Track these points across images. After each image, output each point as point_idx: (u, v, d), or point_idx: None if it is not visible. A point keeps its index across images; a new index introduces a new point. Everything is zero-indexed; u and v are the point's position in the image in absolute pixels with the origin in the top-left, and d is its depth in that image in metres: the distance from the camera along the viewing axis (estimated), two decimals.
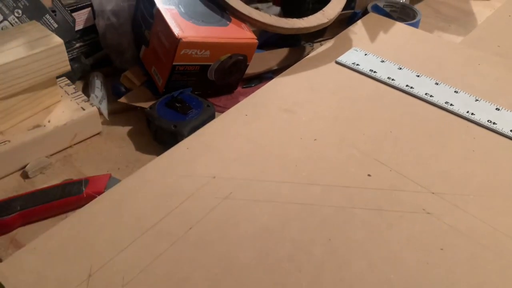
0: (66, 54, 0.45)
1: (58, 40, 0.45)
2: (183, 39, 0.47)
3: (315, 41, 0.67)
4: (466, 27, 0.75)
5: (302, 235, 0.36)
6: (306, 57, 0.58)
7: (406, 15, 0.70)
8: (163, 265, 0.33)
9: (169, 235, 0.35)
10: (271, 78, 0.55)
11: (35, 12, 0.49)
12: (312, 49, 0.64)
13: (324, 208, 0.38)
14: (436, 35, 0.73)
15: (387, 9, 0.71)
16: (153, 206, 0.37)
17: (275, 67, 0.60)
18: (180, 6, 0.51)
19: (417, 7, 0.80)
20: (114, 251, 0.34)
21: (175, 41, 0.47)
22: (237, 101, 0.52)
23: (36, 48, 0.43)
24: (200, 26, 0.50)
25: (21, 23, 0.48)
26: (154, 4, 0.50)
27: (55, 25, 0.52)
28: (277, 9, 0.71)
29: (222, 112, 0.50)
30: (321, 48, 0.59)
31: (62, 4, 0.52)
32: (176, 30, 0.47)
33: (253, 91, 0.53)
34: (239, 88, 0.58)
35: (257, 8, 0.73)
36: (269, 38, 0.65)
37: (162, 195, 0.38)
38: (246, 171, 0.41)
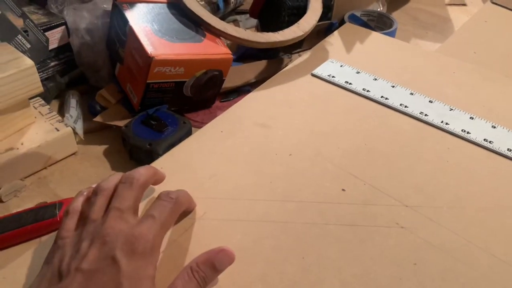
0: (37, 76, 0.45)
1: (29, 62, 0.44)
2: (156, 57, 0.47)
3: (293, 52, 0.67)
4: (443, 34, 0.76)
5: (275, 254, 0.36)
6: (282, 70, 0.58)
7: (383, 23, 0.70)
8: None
9: None
10: (249, 91, 0.55)
11: (6, 33, 0.49)
12: (290, 61, 0.64)
13: (298, 225, 0.38)
14: (414, 42, 0.73)
15: (365, 18, 0.71)
16: None
17: (253, 80, 0.60)
18: (153, 23, 0.51)
19: (395, 14, 0.81)
20: None
21: (148, 59, 0.47)
22: (215, 116, 0.52)
23: (6, 71, 0.43)
24: (173, 43, 0.50)
25: None
26: (127, 21, 0.50)
27: (28, 45, 0.51)
28: (255, 21, 0.71)
29: (200, 127, 0.50)
30: (297, 60, 0.59)
31: (34, 24, 0.52)
32: (149, 48, 0.47)
33: (231, 105, 0.53)
34: (217, 103, 0.58)
35: (235, 20, 0.74)
36: (247, 51, 0.65)
37: None
38: (220, 190, 0.41)
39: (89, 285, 0.27)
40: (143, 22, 0.51)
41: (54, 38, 0.56)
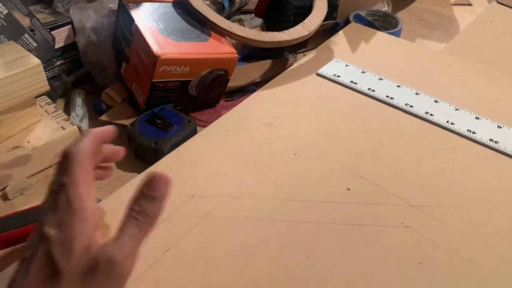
0: (44, 74, 0.45)
1: (35, 60, 0.45)
2: (162, 56, 0.47)
3: (298, 52, 0.67)
4: (448, 34, 0.76)
5: (281, 252, 0.36)
6: (288, 69, 0.58)
7: (388, 23, 0.70)
8: None
9: (146, 257, 0.35)
10: (254, 90, 0.55)
11: (13, 32, 0.49)
12: (295, 60, 0.64)
13: (304, 224, 0.38)
14: (419, 42, 0.73)
15: (370, 18, 0.71)
16: None
17: (258, 80, 0.60)
18: (159, 22, 0.52)
19: (400, 14, 0.80)
20: None
21: (153, 59, 0.47)
22: (220, 115, 0.52)
23: (13, 69, 0.43)
24: (179, 42, 0.50)
25: None
26: (133, 20, 0.50)
27: (35, 44, 0.51)
28: (260, 20, 0.71)
29: (205, 126, 0.50)
30: (302, 60, 0.59)
31: (40, 23, 0.52)
32: (154, 47, 0.48)
33: (236, 104, 0.53)
34: (222, 102, 0.58)
35: (240, 20, 0.74)
36: (251, 50, 0.65)
37: None
38: (225, 188, 0.41)
39: (29, 268, 0.26)
40: (149, 21, 0.51)
41: (60, 37, 0.56)
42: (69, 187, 0.28)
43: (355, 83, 0.54)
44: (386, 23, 0.71)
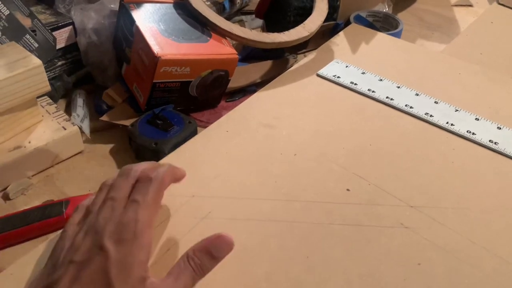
0: (45, 75, 0.45)
1: (37, 61, 0.45)
2: (162, 57, 0.47)
3: (299, 52, 0.67)
4: (449, 35, 0.76)
5: (280, 253, 0.36)
6: (288, 70, 0.58)
7: (389, 24, 0.70)
8: None
9: None
10: (255, 91, 0.56)
11: (14, 33, 0.49)
12: (295, 61, 0.64)
13: (303, 225, 0.38)
14: (420, 43, 0.73)
15: (370, 19, 0.71)
16: None
17: (259, 80, 0.60)
18: (160, 23, 0.52)
19: (401, 15, 0.81)
20: None
21: (154, 59, 0.47)
22: (221, 116, 0.52)
23: (15, 70, 0.43)
24: (180, 43, 0.50)
25: (1, 44, 0.48)
26: (134, 21, 0.51)
27: (36, 45, 0.52)
28: (260, 21, 0.71)
29: (206, 127, 0.50)
30: (303, 61, 0.60)
31: (42, 23, 0.52)
32: (155, 48, 0.48)
33: (236, 105, 0.53)
34: (223, 102, 0.58)
35: (241, 21, 0.74)
36: (252, 51, 0.65)
37: None
38: (225, 189, 0.41)
39: (80, 275, 0.28)
40: (149, 22, 0.51)
41: (62, 37, 0.56)
42: (141, 207, 0.30)
43: (355, 84, 0.54)
44: (386, 24, 0.71)
